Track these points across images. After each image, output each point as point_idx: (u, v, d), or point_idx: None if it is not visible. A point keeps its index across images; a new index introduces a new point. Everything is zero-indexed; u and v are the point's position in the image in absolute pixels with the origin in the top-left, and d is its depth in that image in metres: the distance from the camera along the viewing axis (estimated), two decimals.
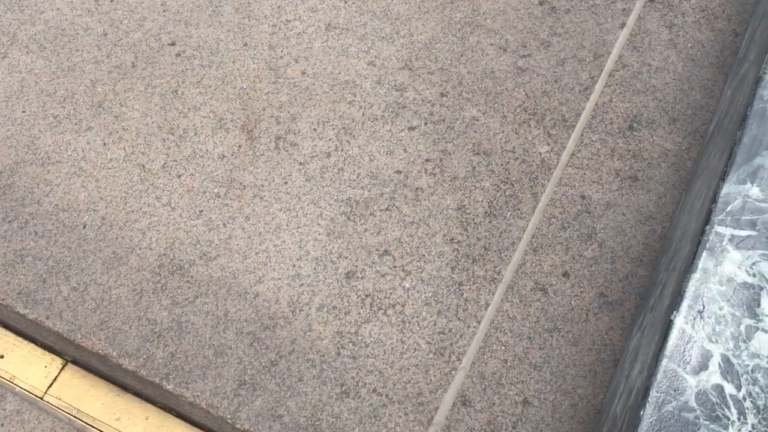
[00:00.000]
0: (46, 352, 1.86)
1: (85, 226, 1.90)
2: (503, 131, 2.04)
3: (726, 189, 1.23)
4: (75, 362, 1.85)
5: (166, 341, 1.73)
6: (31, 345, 1.87)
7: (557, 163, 1.99)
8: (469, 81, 2.14)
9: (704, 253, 1.20)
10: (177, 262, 1.84)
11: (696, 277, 1.18)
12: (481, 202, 1.93)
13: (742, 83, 1.61)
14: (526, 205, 1.92)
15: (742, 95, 1.50)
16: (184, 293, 1.80)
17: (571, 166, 1.98)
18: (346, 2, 2.31)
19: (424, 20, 2.26)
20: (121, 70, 2.18)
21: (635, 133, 2.01)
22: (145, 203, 1.94)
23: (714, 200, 1.25)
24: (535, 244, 1.86)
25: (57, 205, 1.94)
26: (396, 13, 2.28)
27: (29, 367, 1.83)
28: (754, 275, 1.15)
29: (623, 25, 2.21)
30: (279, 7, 2.30)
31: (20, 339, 1.88)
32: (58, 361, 1.85)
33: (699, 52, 2.13)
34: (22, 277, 1.83)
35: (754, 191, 1.22)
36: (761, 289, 1.14)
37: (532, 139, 2.02)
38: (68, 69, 2.17)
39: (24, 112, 2.10)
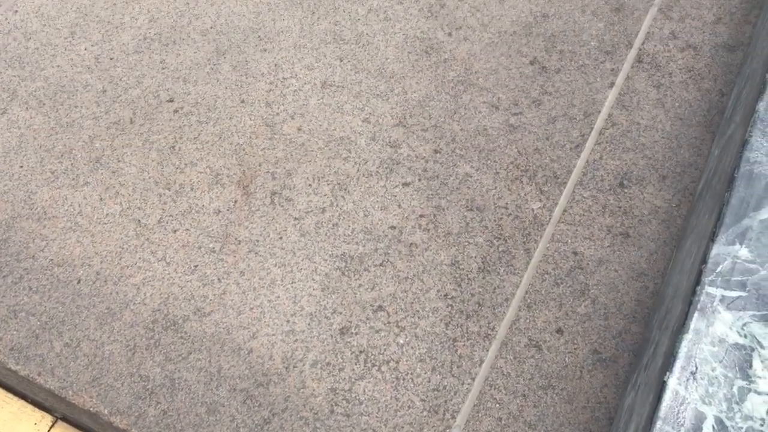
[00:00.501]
0: (37, 409, 1.84)
1: (79, 281, 1.90)
2: (496, 187, 2.07)
3: (715, 250, 1.25)
4: (65, 419, 1.83)
5: (158, 398, 1.72)
6: (22, 402, 1.86)
7: (549, 219, 2.01)
8: (463, 138, 2.18)
9: (696, 314, 1.21)
10: (171, 317, 1.84)
11: (688, 337, 1.19)
12: (475, 257, 1.94)
13: (729, 144, 1.64)
14: (519, 261, 1.94)
15: (729, 156, 1.53)
16: (178, 349, 1.79)
17: (563, 222, 2.00)
18: (341, 61, 2.36)
19: (417, 78, 2.31)
20: (120, 126, 2.21)
21: (626, 190, 2.04)
22: (140, 258, 1.95)
23: (704, 260, 1.27)
24: (529, 300, 1.87)
25: (52, 260, 1.94)
26: (390, 71, 2.33)
27: (19, 424, 1.81)
28: (745, 336, 1.16)
29: (612, 84, 2.26)
30: (276, 65, 2.35)
31: (10, 395, 1.86)
32: (48, 419, 1.83)
33: (686, 111, 2.18)
34: (14, 332, 1.82)
35: (743, 252, 1.24)
36: (752, 350, 1.15)
37: (525, 195, 2.05)
38: (67, 125, 2.20)
39: (22, 167, 2.12)
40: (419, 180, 2.09)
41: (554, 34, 2.39)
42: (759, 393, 1.12)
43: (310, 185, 2.09)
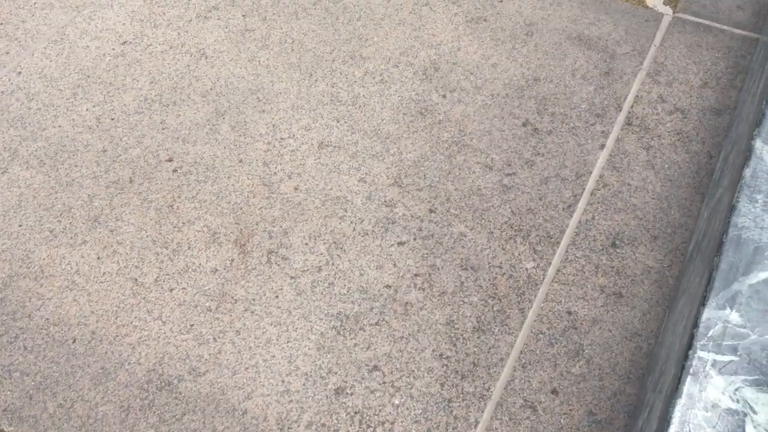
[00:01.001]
0: None
1: (74, 341, 1.90)
2: (490, 247, 2.10)
3: (707, 314, 1.27)
4: None
5: None
6: None
7: (543, 278, 2.03)
8: (457, 198, 2.21)
9: (688, 378, 1.22)
10: (166, 377, 1.84)
11: (681, 402, 1.20)
12: (470, 317, 1.95)
13: (717, 207, 1.68)
14: (513, 320, 1.95)
15: (717, 220, 1.57)
16: (172, 410, 1.78)
17: (557, 281, 2.02)
18: (338, 121, 2.41)
19: (413, 139, 2.35)
20: (119, 185, 2.24)
21: (618, 250, 2.07)
22: (136, 317, 1.95)
23: (696, 325, 1.29)
24: (524, 360, 1.87)
25: (48, 319, 1.94)
26: (386, 132, 2.38)
27: None
28: (737, 401, 1.17)
29: (603, 146, 2.31)
30: (274, 125, 2.40)
31: None
32: None
33: (676, 172, 2.22)
34: (8, 393, 1.81)
35: (734, 317, 1.26)
36: (745, 415, 1.16)
37: (519, 254, 2.08)
38: (66, 184, 2.23)
39: (21, 225, 2.14)
40: (414, 239, 2.12)
41: (545, 96, 2.45)
42: None
43: (306, 244, 2.11)
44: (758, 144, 1.52)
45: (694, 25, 2.59)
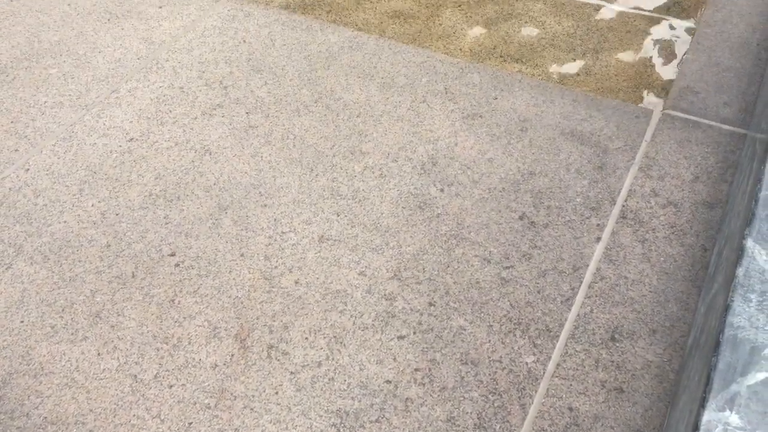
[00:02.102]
0: None
1: None
2: (490, 341, 2.10)
3: (707, 416, 1.28)
4: None
5: None
6: None
7: (544, 373, 2.03)
8: (456, 291, 2.23)
9: None
10: None
11: None
12: (471, 413, 1.94)
13: (713, 304, 1.70)
14: (515, 416, 1.94)
15: (714, 318, 1.59)
16: None
17: (557, 376, 2.02)
18: (338, 215, 2.45)
19: (412, 233, 2.39)
20: (121, 280, 2.26)
21: (617, 344, 2.08)
22: (134, 415, 1.94)
23: (696, 427, 1.29)
24: None
25: (46, 417, 1.93)
26: (386, 225, 2.42)
27: None
28: None
29: (599, 239, 2.35)
30: (275, 219, 2.44)
31: None
32: None
33: (671, 265, 2.25)
34: None
35: (734, 419, 1.26)
36: None
37: (518, 348, 2.08)
38: (69, 279, 2.26)
39: (22, 321, 2.15)
40: (414, 333, 2.13)
41: (541, 190, 2.51)
42: None
43: (306, 338, 2.11)
44: (750, 243, 1.56)
45: (683, 121, 2.68)
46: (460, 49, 3.12)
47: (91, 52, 3.04)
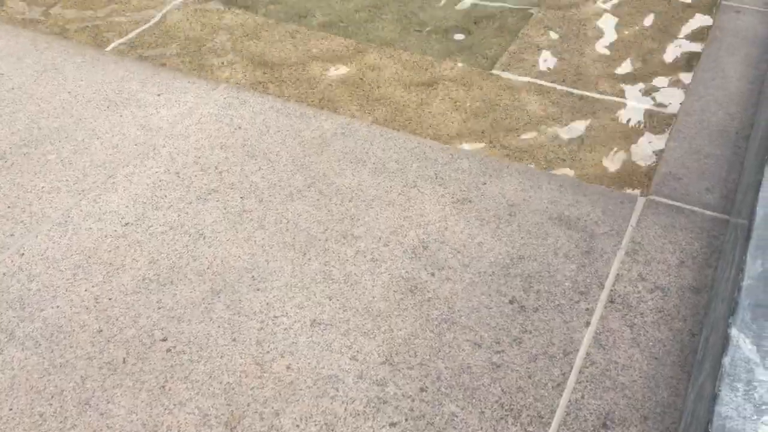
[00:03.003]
0: None
1: None
2: (482, 428, 2.10)
3: None
4: None
5: None
6: None
7: None
8: (448, 376, 2.24)
9: None
10: None
11: None
12: None
13: (701, 393, 1.72)
14: None
15: (702, 407, 1.60)
16: None
17: None
18: (330, 299, 2.47)
19: (403, 317, 2.41)
20: (112, 366, 2.26)
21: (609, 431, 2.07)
22: None
23: None
24: None
25: None
26: (377, 309, 2.44)
27: None
28: None
29: (588, 323, 2.37)
30: (268, 303, 2.46)
31: None
32: None
33: (661, 350, 2.28)
34: None
35: None
36: None
37: None
38: (60, 365, 2.25)
39: (11, 409, 2.13)
40: (406, 420, 2.12)
41: (530, 274, 2.55)
42: None
43: (297, 426, 2.10)
44: (734, 332, 1.59)
45: (666, 206, 2.75)
46: (449, 135, 3.21)
47: (89, 139, 3.12)
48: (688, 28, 3.92)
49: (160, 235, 2.70)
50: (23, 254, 2.62)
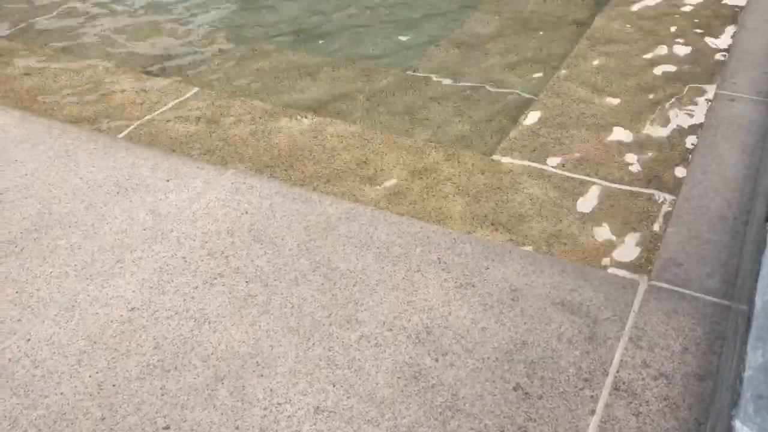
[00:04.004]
0: None
1: None
2: None
3: None
4: None
5: None
6: None
7: None
8: None
9: None
10: None
11: None
12: None
13: None
14: None
15: None
16: None
17: None
18: (334, 386, 2.47)
19: (407, 404, 2.40)
20: None
21: None
22: None
23: None
24: None
25: None
26: (381, 396, 2.43)
27: None
28: None
29: (593, 411, 2.36)
30: (271, 390, 2.45)
31: None
32: None
33: None
34: None
35: None
36: None
37: None
38: None
39: None
40: None
41: (534, 360, 2.55)
42: None
43: None
44: (738, 424, 1.59)
45: (668, 292, 2.77)
46: (452, 219, 3.27)
47: (99, 224, 3.18)
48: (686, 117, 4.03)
49: (165, 320, 2.72)
50: (29, 339, 2.63)
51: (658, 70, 4.44)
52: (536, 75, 4.59)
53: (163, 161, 3.59)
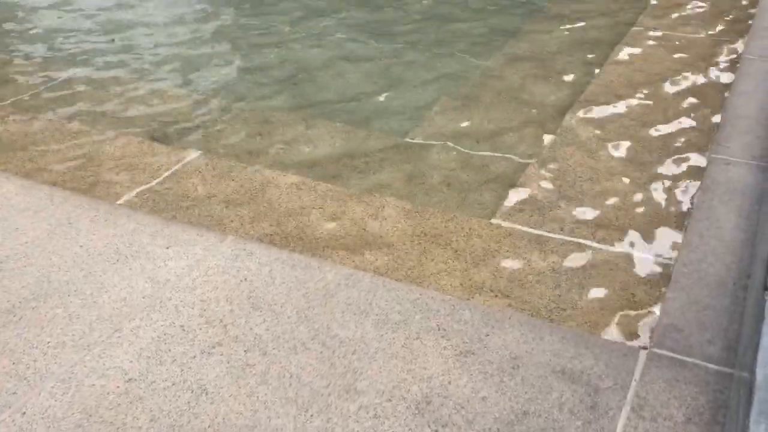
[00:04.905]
0: None
1: None
2: None
3: None
4: None
5: None
6: None
7: None
8: None
9: None
10: None
11: None
12: None
13: None
14: None
15: None
16: None
17: None
18: None
19: None
20: None
21: None
22: None
23: None
24: None
25: None
26: None
27: None
28: None
29: None
30: None
31: None
32: None
33: None
34: None
35: None
36: None
37: None
38: None
39: None
40: None
41: (536, 431, 2.51)
42: None
43: None
44: None
45: (669, 359, 2.75)
46: (452, 285, 3.26)
47: (97, 292, 3.18)
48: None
49: (162, 391, 2.69)
50: (25, 413, 2.60)
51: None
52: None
53: (163, 228, 3.60)
